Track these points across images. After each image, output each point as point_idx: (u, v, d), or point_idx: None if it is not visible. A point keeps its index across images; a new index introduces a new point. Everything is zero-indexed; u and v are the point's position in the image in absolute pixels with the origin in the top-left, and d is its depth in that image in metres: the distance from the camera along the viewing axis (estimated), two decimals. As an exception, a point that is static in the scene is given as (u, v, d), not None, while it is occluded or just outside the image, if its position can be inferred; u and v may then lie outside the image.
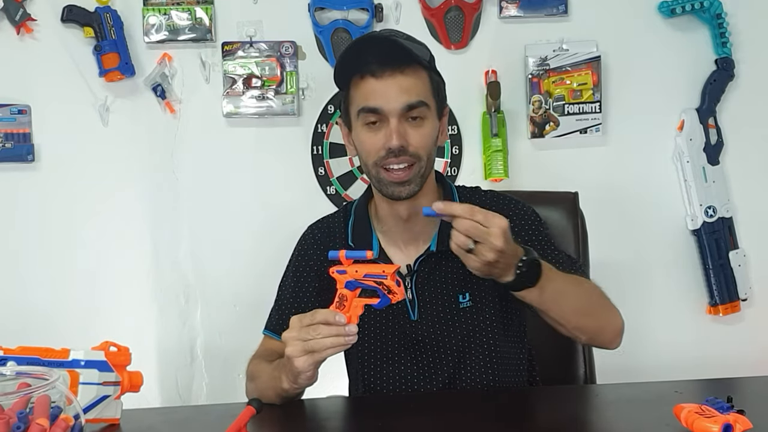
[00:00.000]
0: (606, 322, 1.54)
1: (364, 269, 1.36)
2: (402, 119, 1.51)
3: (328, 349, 1.34)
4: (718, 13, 2.43)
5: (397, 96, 1.50)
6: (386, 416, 1.44)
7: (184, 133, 2.46)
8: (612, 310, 1.55)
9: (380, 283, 1.35)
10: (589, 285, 1.56)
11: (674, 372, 2.15)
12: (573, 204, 1.93)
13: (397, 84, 1.50)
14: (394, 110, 1.51)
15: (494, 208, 1.61)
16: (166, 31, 2.42)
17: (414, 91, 1.51)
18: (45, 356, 1.32)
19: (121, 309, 2.45)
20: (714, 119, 2.49)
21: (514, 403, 1.49)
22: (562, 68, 2.45)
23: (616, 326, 1.55)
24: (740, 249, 2.53)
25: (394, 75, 1.50)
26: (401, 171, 1.52)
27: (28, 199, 2.44)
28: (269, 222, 2.46)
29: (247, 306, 2.47)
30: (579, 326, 1.50)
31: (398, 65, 1.50)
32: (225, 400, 2.04)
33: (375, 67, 1.50)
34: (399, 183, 1.53)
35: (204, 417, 1.53)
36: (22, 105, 2.41)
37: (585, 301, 1.51)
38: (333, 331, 1.33)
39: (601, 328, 1.54)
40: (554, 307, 1.46)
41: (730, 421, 1.16)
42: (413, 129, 1.52)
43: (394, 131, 1.50)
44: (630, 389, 1.57)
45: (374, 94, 1.51)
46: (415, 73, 1.52)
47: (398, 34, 1.56)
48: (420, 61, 1.53)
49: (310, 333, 1.34)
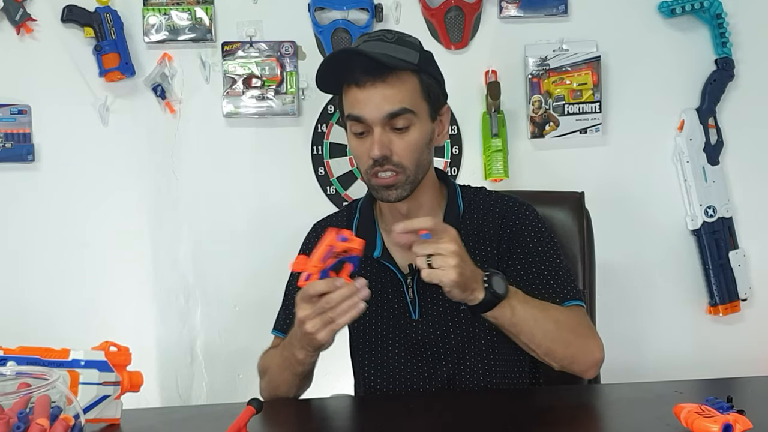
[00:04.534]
0: (579, 352, 1.52)
1: (319, 258, 1.35)
2: (386, 128, 1.51)
3: (347, 314, 1.35)
4: (718, 13, 2.43)
5: (379, 105, 1.50)
6: (386, 416, 1.44)
7: (184, 133, 2.46)
8: (590, 342, 1.54)
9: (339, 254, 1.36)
10: (567, 313, 1.53)
11: (674, 372, 2.15)
12: (579, 204, 1.92)
13: (379, 93, 1.50)
14: (376, 120, 1.51)
15: (497, 209, 1.62)
16: (166, 31, 2.42)
17: (397, 98, 1.50)
18: (45, 356, 1.32)
19: (121, 309, 2.44)
20: (714, 119, 2.49)
21: (514, 403, 1.49)
22: (562, 68, 2.45)
23: (592, 358, 1.53)
24: (740, 249, 2.53)
25: (376, 84, 1.50)
26: (384, 178, 1.53)
27: (28, 199, 2.44)
28: (269, 222, 2.46)
29: (247, 306, 2.47)
30: (550, 353, 1.50)
31: (380, 73, 1.49)
32: (225, 400, 2.04)
33: (358, 76, 1.50)
34: (386, 187, 1.54)
35: (204, 417, 1.53)
36: (22, 105, 2.41)
37: (558, 328, 1.50)
38: (345, 293, 1.34)
39: (573, 357, 1.52)
40: (526, 329, 1.47)
41: (730, 421, 1.16)
42: (398, 137, 1.52)
43: (376, 142, 1.50)
44: (630, 389, 1.57)
45: (358, 104, 1.51)
46: (400, 79, 1.51)
47: (386, 37, 1.54)
48: (404, 66, 1.51)
49: (324, 306, 1.35)
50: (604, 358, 1.54)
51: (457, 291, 1.39)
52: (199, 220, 2.48)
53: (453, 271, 1.36)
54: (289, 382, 1.55)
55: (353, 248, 1.36)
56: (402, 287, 1.61)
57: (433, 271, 1.37)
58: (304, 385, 1.60)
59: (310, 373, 1.57)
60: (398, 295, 1.61)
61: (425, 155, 1.57)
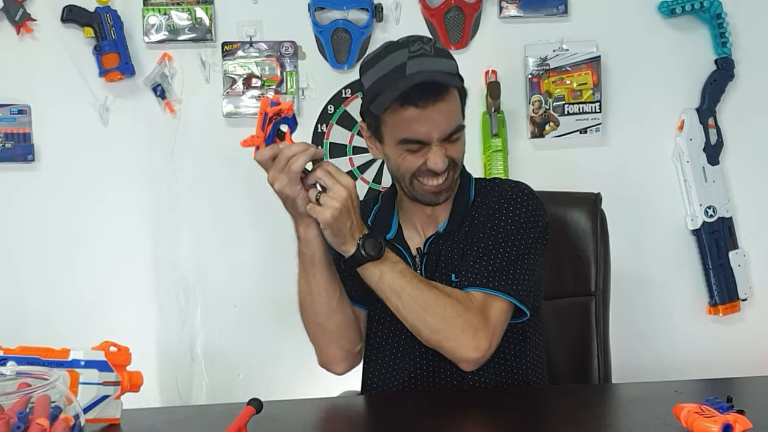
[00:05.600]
0: (446, 342, 1.48)
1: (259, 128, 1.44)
2: (443, 142, 1.55)
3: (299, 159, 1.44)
4: (718, 13, 2.43)
5: (440, 125, 1.53)
6: (386, 416, 1.44)
7: (184, 133, 2.46)
8: (464, 336, 1.47)
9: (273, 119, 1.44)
10: (454, 301, 1.49)
11: (674, 372, 2.16)
12: (594, 205, 1.91)
13: (439, 113, 1.52)
14: (438, 139, 1.54)
15: (501, 192, 1.64)
16: (166, 31, 2.42)
17: (454, 116, 1.55)
18: (45, 356, 1.32)
19: (121, 309, 2.44)
20: (714, 119, 2.49)
21: (513, 402, 1.49)
22: (562, 68, 2.45)
23: (463, 353, 1.48)
24: (740, 249, 2.53)
25: (436, 105, 1.52)
26: (440, 183, 1.57)
27: (28, 199, 2.44)
28: (269, 222, 2.45)
29: (247, 306, 2.47)
30: (415, 330, 1.50)
31: (440, 94, 1.52)
32: (225, 400, 2.04)
33: (417, 97, 1.51)
34: (436, 193, 1.59)
35: (204, 417, 1.53)
36: (22, 105, 2.41)
37: (426, 310, 1.47)
38: (294, 149, 1.44)
39: (439, 344, 1.49)
40: (392, 299, 1.49)
41: (730, 421, 1.16)
42: (450, 146, 1.57)
43: (439, 157, 1.54)
44: (630, 389, 1.57)
45: (417, 124, 1.53)
46: (452, 95, 1.55)
47: (427, 51, 1.54)
48: (457, 84, 1.55)
49: (280, 164, 1.45)
50: (484, 358, 1.49)
51: (329, 233, 1.47)
52: (199, 220, 2.48)
53: (329, 212, 1.44)
54: (313, 281, 1.57)
55: (284, 109, 1.44)
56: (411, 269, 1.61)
57: (314, 206, 1.46)
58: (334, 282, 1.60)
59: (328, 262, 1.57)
60: None
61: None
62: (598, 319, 1.85)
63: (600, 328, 1.85)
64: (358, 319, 1.69)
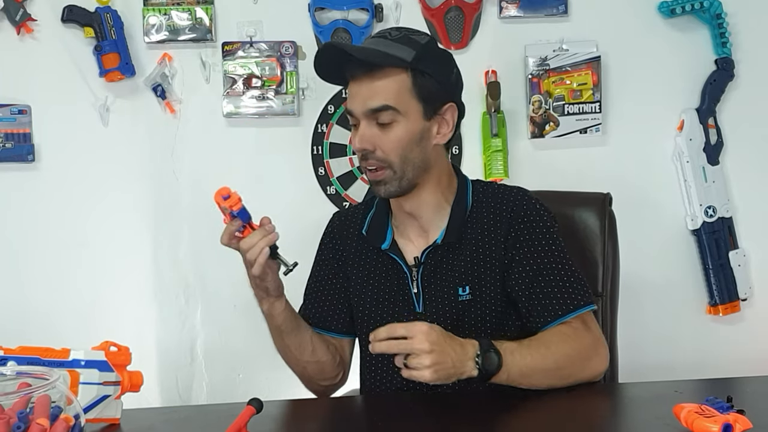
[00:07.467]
0: (581, 376, 1.52)
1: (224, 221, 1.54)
2: (371, 123, 1.55)
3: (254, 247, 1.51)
4: (718, 13, 2.43)
5: (364, 100, 1.55)
6: (386, 416, 1.44)
7: (184, 133, 2.46)
8: (591, 362, 1.53)
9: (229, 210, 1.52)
10: (564, 346, 1.51)
11: (674, 372, 2.16)
12: (603, 206, 1.89)
13: (366, 88, 1.54)
14: (360, 113, 1.55)
15: (506, 202, 1.63)
16: (166, 31, 2.42)
17: (381, 95, 1.53)
18: (45, 356, 1.32)
19: (121, 309, 2.44)
20: (714, 119, 2.49)
21: (512, 401, 1.49)
22: (562, 68, 2.45)
23: (593, 373, 1.53)
24: (740, 249, 2.53)
25: (363, 79, 1.54)
26: (372, 172, 1.57)
27: (28, 199, 2.44)
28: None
29: (247, 306, 2.43)
30: (553, 388, 1.50)
31: (369, 69, 1.53)
32: (225, 400, 2.04)
33: (354, 70, 1.55)
34: (376, 182, 1.58)
35: (204, 417, 1.53)
36: (22, 105, 2.42)
37: (557, 368, 1.49)
38: (247, 241, 1.52)
39: (577, 381, 1.51)
40: (524, 383, 1.47)
41: (729, 421, 1.16)
42: (382, 133, 1.55)
43: (359, 135, 1.56)
44: (630, 389, 1.57)
45: (350, 97, 1.58)
46: (387, 76, 1.53)
47: (389, 34, 1.57)
48: (393, 64, 1.53)
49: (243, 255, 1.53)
50: (608, 365, 1.56)
51: (443, 381, 1.42)
52: (199, 220, 2.47)
53: (427, 371, 1.39)
54: (282, 343, 1.65)
55: (231, 205, 1.51)
56: (407, 280, 1.62)
57: (412, 373, 1.40)
58: (302, 342, 1.65)
59: (295, 329, 1.63)
60: (403, 288, 1.62)
61: (415, 153, 1.57)
62: (605, 320, 1.83)
63: (607, 330, 1.82)
64: (339, 351, 1.70)
